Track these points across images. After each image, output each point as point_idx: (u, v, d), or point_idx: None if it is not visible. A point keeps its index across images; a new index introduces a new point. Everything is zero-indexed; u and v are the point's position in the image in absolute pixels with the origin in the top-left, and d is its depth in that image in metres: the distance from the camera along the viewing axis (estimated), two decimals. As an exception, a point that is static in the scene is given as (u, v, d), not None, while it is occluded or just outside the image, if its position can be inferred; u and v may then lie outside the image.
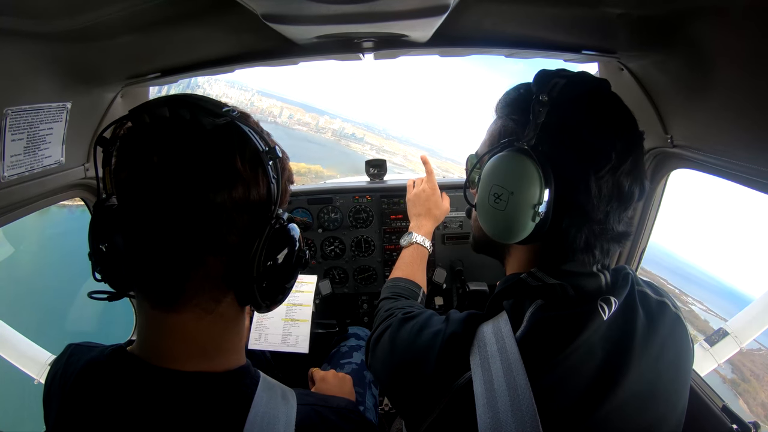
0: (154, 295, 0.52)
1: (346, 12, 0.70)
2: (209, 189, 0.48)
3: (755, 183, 0.83)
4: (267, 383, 0.58)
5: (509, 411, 0.54)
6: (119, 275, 0.53)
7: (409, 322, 0.75)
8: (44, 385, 0.63)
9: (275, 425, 0.52)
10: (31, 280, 5.97)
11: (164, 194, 0.47)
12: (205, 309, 0.53)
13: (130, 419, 0.50)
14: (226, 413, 0.52)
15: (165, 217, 0.47)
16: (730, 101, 0.79)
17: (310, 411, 0.59)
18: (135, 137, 0.50)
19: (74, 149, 0.97)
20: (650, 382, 0.63)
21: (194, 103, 0.50)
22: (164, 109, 0.49)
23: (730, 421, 0.99)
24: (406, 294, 1.06)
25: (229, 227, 0.50)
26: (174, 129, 0.49)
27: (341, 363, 1.41)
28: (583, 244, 0.63)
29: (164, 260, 0.49)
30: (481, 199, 0.70)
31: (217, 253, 0.50)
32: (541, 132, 0.62)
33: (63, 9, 0.66)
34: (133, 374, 0.53)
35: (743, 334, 1.60)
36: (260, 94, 38.30)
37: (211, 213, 0.48)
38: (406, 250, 1.23)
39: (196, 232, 0.48)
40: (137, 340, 0.56)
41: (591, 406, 0.58)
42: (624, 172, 0.61)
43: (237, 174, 0.49)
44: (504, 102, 0.73)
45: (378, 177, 1.86)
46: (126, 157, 0.49)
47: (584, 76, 0.67)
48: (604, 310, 0.62)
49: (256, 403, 0.53)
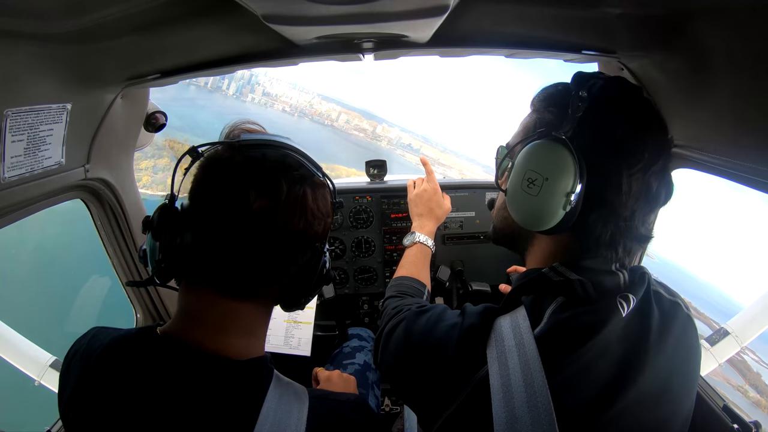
0: (229, 286, 0.62)
1: (346, 13, 0.70)
2: (310, 227, 0.64)
3: (756, 182, 0.83)
4: (280, 378, 0.64)
5: (525, 407, 0.54)
6: (174, 268, 0.63)
7: (424, 314, 0.75)
8: (63, 362, 0.68)
9: (288, 414, 0.57)
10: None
11: (281, 224, 0.60)
12: (261, 303, 0.67)
13: (151, 392, 0.54)
14: (244, 399, 0.57)
15: (275, 240, 0.61)
16: (730, 101, 0.79)
17: (321, 404, 0.63)
18: (246, 168, 0.60)
19: (74, 150, 0.97)
20: (663, 381, 0.64)
21: (299, 153, 0.64)
22: (276, 152, 0.63)
23: (731, 421, 1.00)
24: (412, 292, 1.06)
25: (305, 252, 0.66)
26: (293, 175, 0.62)
27: (344, 364, 1.41)
28: (608, 239, 0.64)
29: (259, 266, 0.62)
30: (513, 185, 0.70)
31: (291, 268, 0.65)
32: (578, 126, 0.63)
33: (63, 10, 0.66)
34: (162, 349, 0.59)
35: (744, 334, 1.60)
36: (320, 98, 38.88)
37: (303, 242, 0.64)
38: (410, 250, 1.23)
39: (289, 253, 0.64)
40: (174, 322, 0.63)
41: (605, 403, 0.58)
42: (654, 173, 0.63)
43: (325, 216, 0.67)
44: (542, 96, 0.74)
45: (378, 177, 1.86)
46: (236, 183, 0.59)
47: (621, 80, 0.69)
48: (623, 307, 0.63)
49: (271, 393, 0.58)
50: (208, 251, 0.60)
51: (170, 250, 0.61)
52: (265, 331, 0.71)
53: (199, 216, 0.61)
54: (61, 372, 0.67)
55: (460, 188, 1.79)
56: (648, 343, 0.64)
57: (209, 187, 0.61)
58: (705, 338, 1.63)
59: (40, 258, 6.46)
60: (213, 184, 0.61)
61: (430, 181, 1.38)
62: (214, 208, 0.60)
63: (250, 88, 46.04)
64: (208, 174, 0.62)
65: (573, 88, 0.66)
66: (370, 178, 1.87)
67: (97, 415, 0.55)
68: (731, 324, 1.62)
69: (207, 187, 0.61)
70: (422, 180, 1.41)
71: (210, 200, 0.60)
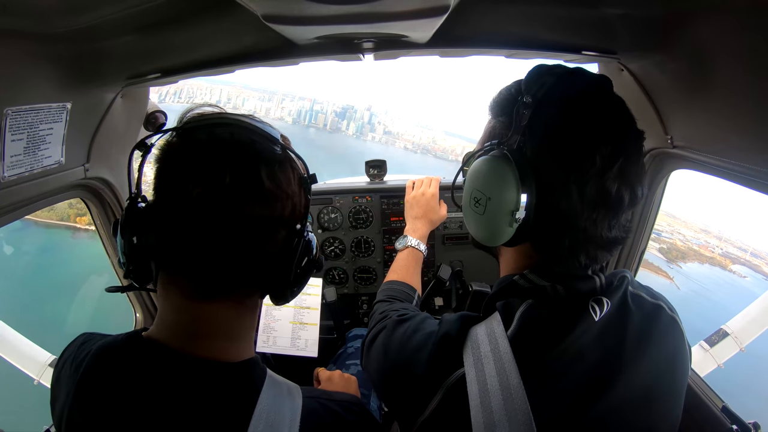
0: (193, 287, 0.57)
1: (346, 12, 0.70)
2: (271, 209, 0.57)
3: (755, 183, 0.83)
4: (273, 378, 0.61)
5: (503, 410, 0.54)
6: (147, 271, 0.58)
7: (403, 324, 0.75)
8: (54, 371, 0.66)
9: (282, 415, 0.55)
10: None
11: (228, 211, 0.54)
12: (236, 301, 0.60)
13: (142, 400, 0.53)
14: (236, 401, 0.55)
15: (225, 229, 0.54)
16: (730, 102, 0.79)
17: (315, 403, 0.62)
18: (197, 153, 0.55)
19: (74, 149, 0.97)
20: (645, 386, 0.62)
21: (253, 130, 0.57)
22: (223, 129, 0.56)
23: (729, 422, 1.00)
24: (401, 297, 1.06)
25: (274, 238, 0.59)
26: (238, 152, 0.55)
27: (347, 364, 1.41)
28: (567, 250, 0.62)
29: (216, 262, 0.56)
30: (464, 203, 0.71)
31: (261, 258, 0.58)
32: (524, 135, 0.62)
33: (63, 9, 0.66)
34: (150, 357, 0.56)
35: (743, 335, 1.60)
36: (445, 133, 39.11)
37: (264, 226, 0.57)
38: (401, 254, 1.23)
39: (248, 241, 0.56)
40: (156, 327, 0.59)
41: (584, 407, 0.58)
42: (611, 177, 0.59)
43: (290, 196, 0.59)
44: (494, 102, 0.71)
45: (378, 177, 1.86)
46: (189, 170, 0.54)
47: (578, 74, 0.65)
48: (595, 311, 0.61)
49: (264, 394, 0.56)
50: (162, 250, 0.56)
51: (130, 251, 0.57)
52: (252, 330, 0.66)
53: (151, 213, 0.57)
54: (52, 382, 0.65)
55: (460, 188, 1.79)
56: (625, 347, 0.62)
57: (156, 180, 0.57)
58: (704, 339, 1.63)
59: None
60: (157, 176, 0.57)
61: (432, 185, 1.38)
62: (160, 201, 0.56)
63: (370, 128, 46.60)
64: (157, 166, 0.57)
65: (518, 92, 0.63)
66: (370, 178, 1.87)
67: (90, 428, 0.54)
68: (731, 325, 1.62)
69: (156, 180, 0.57)
70: (422, 181, 1.41)
71: (157, 193, 0.57)
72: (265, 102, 45.24)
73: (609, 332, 0.62)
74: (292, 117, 49.32)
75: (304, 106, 49.06)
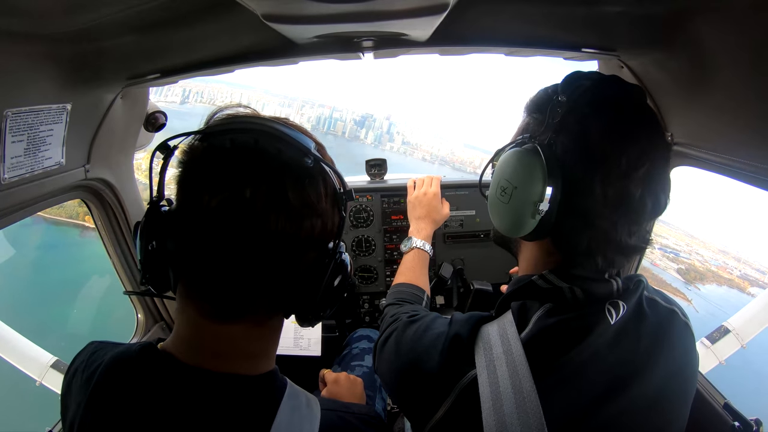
0: (210, 307, 0.53)
1: (345, 11, 0.70)
2: (294, 225, 0.51)
3: (756, 180, 0.83)
4: (293, 389, 0.59)
5: (515, 413, 0.54)
6: (165, 278, 0.55)
7: (414, 324, 0.76)
8: (63, 380, 0.64)
9: (300, 429, 0.54)
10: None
11: (250, 226, 0.49)
12: (257, 322, 0.56)
13: (157, 414, 0.51)
14: (255, 415, 0.53)
15: (245, 245, 0.50)
16: (730, 99, 0.79)
17: (334, 416, 0.61)
18: (220, 159, 0.51)
19: (75, 150, 0.97)
20: (657, 389, 0.63)
21: (282, 138, 0.52)
22: (250, 135, 0.51)
23: (731, 419, 1.00)
24: (411, 299, 1.07)
25: (302, 259, 0.54)
26: (265, 162, 0.51)
27: (352, 365, 1.40)
28: (585, 249, 0.62)
29: (234, 281, 0.52)
30: (491, 193, 0.72)
31: (285, 281, 0.54)
32: (556, 132, 0.63)
33: (63, 9, 0.66)
34: (165, 371, 0.53)
35: (745, 332, 1.60)
36: (465, 146, 39.05)
37: (290, 246, 0.52)
38: (407, 255, 1.23)
39: (271, 261, 0.51)
40: (173, 339, 0.57)
41: (596, 410, 0.58)
42: (635, 181, 0.59)
43: (319, 213, 0.54)
44: (530, 100, 0.73)
45: (378, 176, 1.86)
46: (210, 177, 0.50)
47: (613, 80, 0.67)
48: (611, 314, 0.61)
49: (283, 407, 0.54)
50: (179, 259, 0.53)
51: (146, 257, 0.55)
52: (274, 346, 0.63)
53: (172, 219, 0.54)
54: (63, 392, 0.62)
55: (461, 187, 1.79)
56: (639, 351, 0.63)
57: (177, 185, 0.54)
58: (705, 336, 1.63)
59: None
60: (178, 181, 0.54)
61: (433, 185, 1.38)
62: (180, 208, 0.53)
63: (389, 138, 46.24)
64: (179, 170, 0.54)
65: (554, 93, 0.64)
66: (370, 177, 1.86)
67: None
68: (732, 322, 1.62)
69: (177, 185, 0.54)
70: (422, 181, 1.41)
71: (178, 199, 0.54)
72: (285, 108, 45.10)
73: (624, 336, 0.62)
74: (311, 123, 48.82)
75: (324, 113, 48.67)
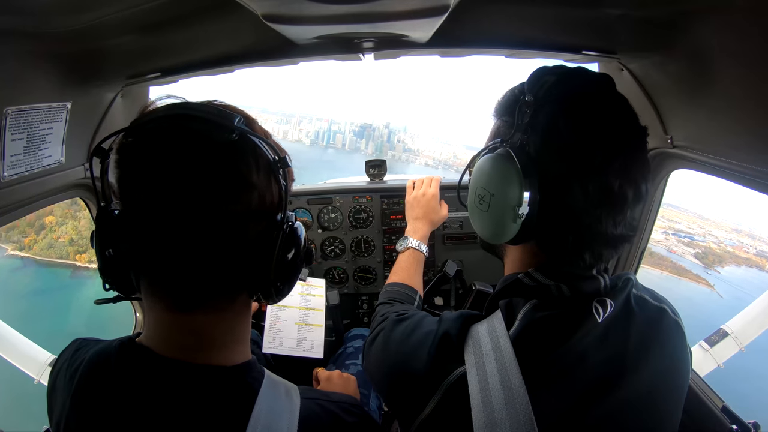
0: (171, 300, 0.53)
1: (346, 12, 0.70)
2: (229, 202, 0.50)
3: (755, 183, 0.83)
4: (271, 379, 0.59)
5: (504, 410, 0.54)
6: (128, 281, 0.55)
7: (403, 323, 0.76)
8: (49, 378, 0.64)
9: (279, 418, 0.54)
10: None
11: (186, 211, 0.49)
12: (219, 308, 0.56)
13: (139, 408, 0.52)
14: (233, 406, 0.53)
15: (187, 231, 0.50)
16: (730, 102, 0.79)
17: (313, 404, 0.61)
18: (146, 151, 0.51)
19: (74, 149, 0.97)
20: (647, 388, 0.62)
21: (203, 117, 0.51)
22: (171, 121, 0.51)
23: (729, 422, 0.99)
24: (402, 299, 1.07)
25: (246, 234, 0.53)
26: (188, 145, 0.50)
27: (346, 364, 1.41)
28: (572, 248, 0.62)
29: (185, 270, 0.52)
30: (469, 201, 0.72)
31: (235, 259, 0.53)
32: (527, 133, 0.62)
33: (63, 9, 0.66)
34: (143, 364, 0.54)
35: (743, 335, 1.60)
36: (465, 147, 38.44)
37: (231, 223, 0.51)
38: (402, 255, 1.23)
39: (216, 242, 0.51)
40: (146, 334, 0.57)
41: (586, 408, 0.58)
42: (613, 173, 0.58)
43: (253, 186, 0.52)
44: (498, 103, 0.72)
45: (378, 177, 1.86)
46: (140, 172, 0.50)
47: (578, 73, 0.65)
48: (598, 312, 0.61)
49: (261, 397, 0.55)
50: (133, 262, 0.53)
51: (104, 262, 0.55)
52: (247, 333, 0.63)
53: (119, 221, 0.54)
54: (48, 389, 0.63)
55: (465, 188, 1.78)
56: (629, 349, 0.62)
57: (119, 187, 0.53)
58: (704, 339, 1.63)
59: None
60: (117, 184, 0.53)
61: (432, 185, 1.38)
62: (123, 208, 0.53)
63: (390, 146, 45.95)
64: (116, 172, 0.53)
65: (521, 92, 0.64)
66: (370, 177, 1.87)
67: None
68: (731, 325, 1.62)
69: (119, 187, 0.54)
70: (422, 182, 1.41)
71: (121, 200, 0.54)
72: (283, 125, 44.69)
73: (612, 334, 0.62)
74: (309, 138, 48.15)
75: (322, 126, 48.39)
